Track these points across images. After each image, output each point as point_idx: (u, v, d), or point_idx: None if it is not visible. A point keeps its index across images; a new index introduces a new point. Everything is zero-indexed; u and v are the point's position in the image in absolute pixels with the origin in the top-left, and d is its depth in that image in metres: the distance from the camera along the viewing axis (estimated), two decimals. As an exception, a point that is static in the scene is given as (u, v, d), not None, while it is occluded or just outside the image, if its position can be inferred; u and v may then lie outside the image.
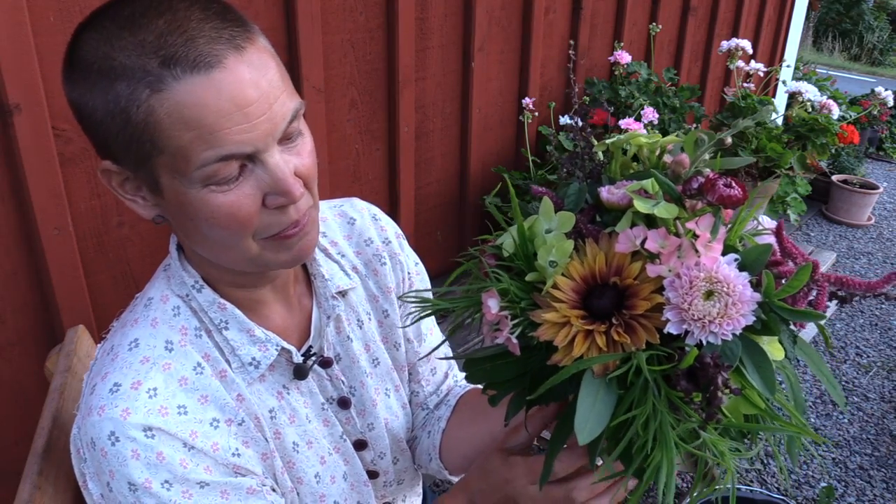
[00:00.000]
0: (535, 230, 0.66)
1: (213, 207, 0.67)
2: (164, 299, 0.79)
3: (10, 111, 1.24)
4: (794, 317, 0.59)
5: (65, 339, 1.07)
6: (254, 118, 0.64)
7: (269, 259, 0.74)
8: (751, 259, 0.61)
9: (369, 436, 0.95)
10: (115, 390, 0.71)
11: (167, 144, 0.64)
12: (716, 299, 0.57)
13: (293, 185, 0.68)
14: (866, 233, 4.42)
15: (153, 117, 0.63)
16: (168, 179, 0.67)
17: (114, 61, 0.63)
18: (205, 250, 0.75)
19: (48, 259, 1.35)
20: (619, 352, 0.60)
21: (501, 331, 0.64)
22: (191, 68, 0.62)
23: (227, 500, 0.74)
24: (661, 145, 0.71)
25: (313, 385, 0.88)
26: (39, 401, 0.97)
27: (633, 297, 0.61)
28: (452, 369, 1.09)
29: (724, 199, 0.58)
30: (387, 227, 0.98)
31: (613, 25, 2.79)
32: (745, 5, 3.57)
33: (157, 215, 0.73)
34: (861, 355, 3.16)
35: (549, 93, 2.59)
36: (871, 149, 5.83)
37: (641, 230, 0.60)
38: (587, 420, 0.58)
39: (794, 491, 2.37)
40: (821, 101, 2.35)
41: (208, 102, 0.62)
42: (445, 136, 2.24)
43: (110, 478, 0.70)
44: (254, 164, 0.67)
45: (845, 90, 5.01)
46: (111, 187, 0.72)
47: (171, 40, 0.62)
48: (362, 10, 1.84)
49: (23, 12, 1.22)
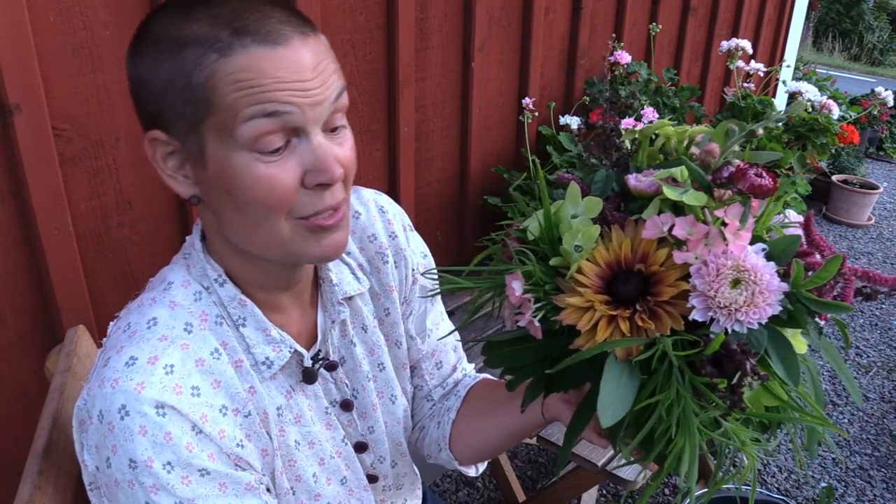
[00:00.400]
0: (560, 215, 0.66)
1: (254, 177, 0.68)
2: (186, 284, 0.78)
3: (10, 111, 1.24)
4: (822, 308, 0.59)
5: (65, 339, 1.07)
6: (306, 89, 0.68)
7: (299, 248, 0.74)
8: (779, 250, 0.61)
9: (370, 438, 0.95)
10: (132, 363, 0.71)
11: (220, 102, 0.66)
12: (742, 287, 0.57)
13: (333, 165, 0.70)
14: (866, 233, 4.42)
15: (213, 79, 0.66)
16: (215, 145, 0.68)
17: (186, 30, 0.66)
18: (237, 231, 0.74)
19: (48, 259, 1.35)
20: (644, 337, 0.60)
21: (524, 314, 0.64)
22: (260, 41, 0.66)
23: (224, 493, 0.74)
24: (689, 135, 0.71)
25: (318, 388, 0.88)
26: (39, 401, 0.97)
27: (659, 284, 0.61)
28: (461, 362, 1.08)
29: (755, 188, 0.58)
30: (393, 219, 0.96)
31: (613, 25, 2.79)
32: (745, 5, 3.57)
33: (194, 195, 0.74)
34: (861, 355, 3.15)
35: (549, 93, 2.59)
36: (871, 149, 5.83)
37: (669, 217, 0.60)
38: (611, 403, 0.58)
39: (794, 491, 2.37)
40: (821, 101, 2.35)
41: (267, 69, 0.66)
42: (445, 136, 2.24)
43: (111, 452, 0.70)
44: (298, 139, 0.69)
45: (845, 90, 5.01)
46: (154, 160, 0.73)
47: (245, 15, 0.67)
48: (362, 10, 1.84)
49: (23, 12, 1.22)
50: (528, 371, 0.70)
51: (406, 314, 0.98)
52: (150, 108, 0.70)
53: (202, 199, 0.74)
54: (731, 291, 0.57)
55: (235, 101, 0.66)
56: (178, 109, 0.68)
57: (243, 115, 0.66)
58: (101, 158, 1.40)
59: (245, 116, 0.66)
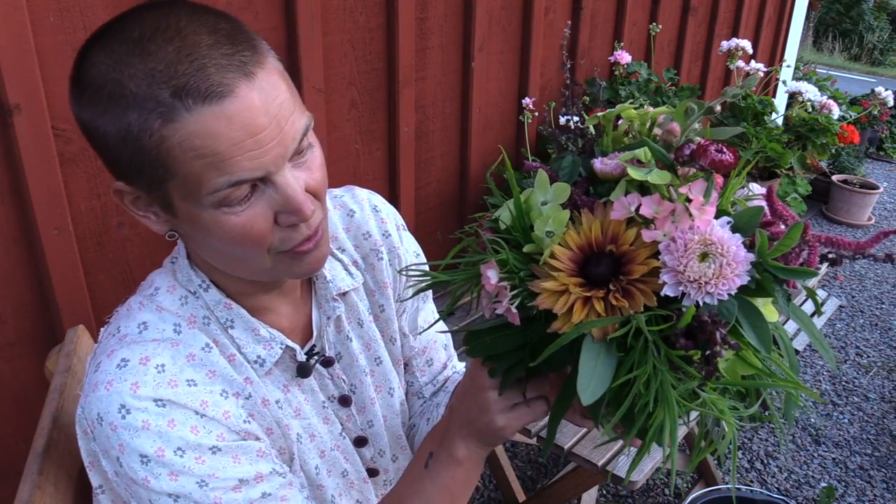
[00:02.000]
0: (530, 203, 0.67)
1: (227, 228, 0.68)
2: (171, 289, 0.79)
3: (10, 111, 1.24)
4: (787, 275, 0.61)
5: (65, 339, 1.07)
6: (265, 144, 0.65)
7: (283, 271, 0.75)
8: (743, 221, 0.63)
9: (369, 433, 0.96)
10: (123, 365, 0.71)
11: (179, 170, 0.64)
12: (711, 261, 0.58)
13: (304, 204, 0.69)
14: (866, 233, 4.42)
15: (165, 145, 0.63)
16: (180, 201, 0.68)
17: (124, 89, 0.63)
18: (219, 264, 0.76)
19: (48, 259, 1.35)
20: (618, 316, 0.61)
21: (501, 302, 0.65)
22: (202, 99, 0.62)
23: (238, 463, 0.75)
24: (651, 117, 0.72)
25: (314, 384, 0.88)
26: (39, 401, 0.97)
27: (630, 263, 0.62)
28: (452, 360, 1.09)
29: (716, 163, 0.60)
30: (387, 218, 0.96)
31: (613, 25, 2.79)
32: (745, 5, 3.57)
33: (170, 231, 0.74)
34: (861, 355, 3.15)
35: (549, 93, 2.59)
36: (871, 149, 5.83)
37: (636, 197, 0.62)
38: (590, 381, 0.60)
39: (794, 491, 2.37)
40: (821, 102, 2.35)
41: (220, 132, 0.63)
42: (445, 136, 2.24)
43: (120, 452, 0.70)
44: (265, 185, 0.68)
45: (845, 90, 5.01)
46: (124, 205, 0.72)
47: (182, 69, 0.62)
48: (362, 10, 1.84)
49: (23, 12, 1.22)
50: (509, 357, 0.72)
51: (399, 311, 0.98)
52: (107, 159, 0.69)
53: (179, 234, 0.75)
54: (699, 265, 0.58)
55: (198, 171, 0.64)
56: (135, 168, 0.66)
57: (208, 187, 0.65)
58: (100, 158, 1.40)
59: (210, 189, 0.65)
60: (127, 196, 0.71)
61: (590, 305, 0.62)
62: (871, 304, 3.58)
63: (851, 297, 3.64)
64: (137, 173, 0.67)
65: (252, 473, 0.76)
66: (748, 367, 0.62)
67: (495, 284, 0.65)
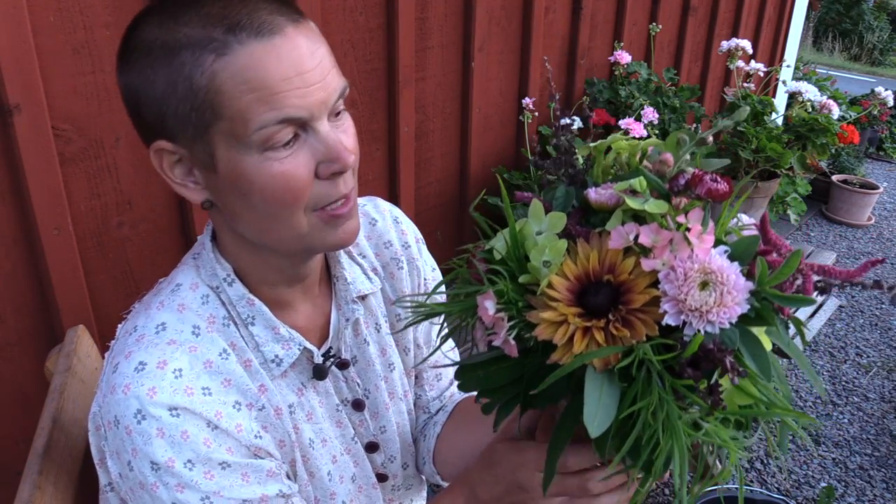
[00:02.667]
0: (525, 233, 0.66)
1: (269, 176, 0.69)
2: (194, 287, 0.79)
3: (10, 111, 1.24)
4: (787, 302, 0.61)
5: (65, 339, 1.07)
6: (311, 84, 0.68)
7: (317, 238, 0.75)
8: (740, 250, 0.63)
9: (381, 438, 0.95)
10: (141, 369, 0.71)
11: (228, 107, 0.66)
12: (711, 289, 0.58)
13: (345, 152, 0.71)
14: (866, 233, 4.43)
15: (216, 82, 0.65)
16: (224, 150, 0.68)
17: (178, 34, 0.66)
18: (253, 228, 0.75)
19: (48, 259, 1.35)
20: (620, 346, 0.60)
21: (497, 334, 0.64)
22: (255, 34, 0.65)
23: (247, 482, 0.75)
24: (641, 148, 0.72)
25: (329, 386, 0.88)
26: (39, 401, 0.97)
27: (629, 293, 0.62)
28: None
29: (712, 192, 0.60)
30: (407, 230, 0.98)
31: (613, 25, 2.79)
32: (745, 5, 3.57)
33: (206, 199, 0.74)
34: (861, 355, 3.15)
35: (549, 93, 2.59)
36: (871, 149, 5.83)
37: (633, 226, 0.61)
38: (596, 413, 0.59)
39: (794, 491, 2.37)
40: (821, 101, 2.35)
41: (270, 66, 0.65)
42: (445, 136, 2.24)
43: (132, 456, 0.71)
44: (306, 133, 0.70)
45: (845, 90, 5.01)
46: (161, 170, 0.73)
47: (235, 10, 0.66)
48: (362, 10, 1.84)
49: (23, 12, 1.22)
50: (505, 391, 0.70)
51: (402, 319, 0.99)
52: (151, 117, 0.70)
53: (214, 203, 0.75)
54: (700, 294, 0.58)
55: (246, 107, 0.66)
56: (181, 115, 0.67)
57: (256, 123, 0.66)
58: (100, 158, 1.40)
59: (257, 125, 0.66)
60: (167, 158, 0.72)
61: (590, 336, 0.61)
62: (871, 304, 3.58)
63: (851, 297, 3.64)
64: (183, 122, 0.68)
65: (258, 495, 0.75)
66: (745, 397, 0.62)
67: (493, 316, 0.64)
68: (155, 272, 0.84)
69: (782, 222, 3.88)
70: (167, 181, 0.73)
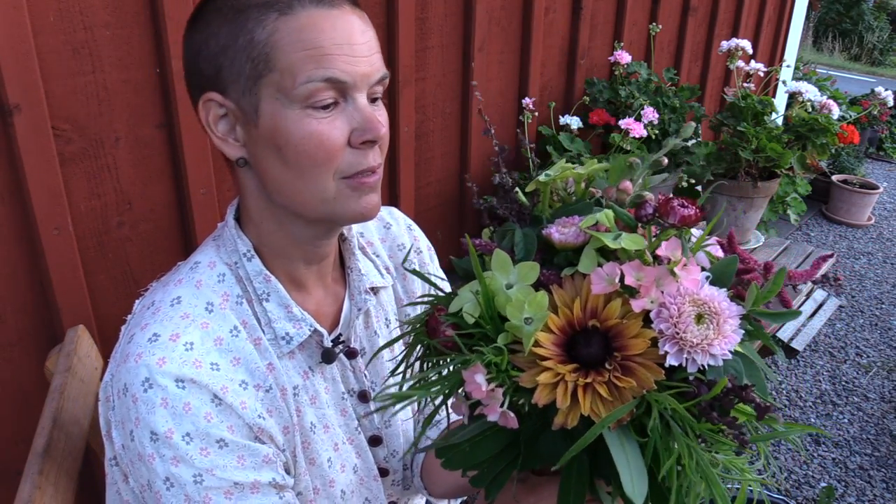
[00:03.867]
0: (493, 288, 0.60)
1: (306, 132, 0.73)
2: (212, 265, 0.81)
3: (10, 111, 1.24)
4: (776, 319, 0.59)
5: (65, 339, 1.07)
6: (359, 55, 0.74)
7: (341, 205, 0.77)
8: (719, 273, 0.60)
9: (385, 433, 0.96)
10: (154, 340, 0.74)
11: (281, 61, 0.71)
12: (707, 321, 0.55)
13: (378, 124, 0.75)
14: (866, 233, 4.43)
15: (275, 37, 0.71)
16: (269, 103, 0.73)
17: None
18: (282, 188, 0.77)
19: (48, 259, 1.35)
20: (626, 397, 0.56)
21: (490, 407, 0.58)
22: (317, 2, 0.72)
23: (242, 465, 0.75)
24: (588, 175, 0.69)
25: (336, 373, 0.89)
26: (39, 401, 0.97)
27: (621, 338, 0.57)
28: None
29: (685, 219, 0.58)
30: (419, 238, 1.03)
31: (613, 25, 2.79)
32: (745, 5, 3.57)
33: (241, 157, 0.78)
34: (861, 355, 3.15)
35: (549, 93, 2.59)
36: (871, 149, 5.83)
37: (614, 267, 0.57)
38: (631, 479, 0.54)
39: (794, 491, 2.37)
40: (821, 101, 2.35)
41: (325, 31, 0.72)
42: (445, 136, 2.24)
43: (135, 425, 0.72)
44: (346, 101, 0.74)
45: (845, 90, 5.01)
46: (206, 123, 0.77)
47: None
48: (362, 9, 1.84)
49: (23, 12, 1.22)
50: (496, 462, 0.64)
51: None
52: (208, 69, 0.74)
53: (248, 161, 0.78)
54: (698, 328, 0.55)
55: (297, 61, 0.71)
56: (237, 66, 0.72)
57: (303, 77, 0.71)
58: (100, 158, 1.40)
59: (304, 79, 0.71)
60: (214, 110, 0.76)
61: (592, 391, 0.56)
62: (871, 304, 3.58)
63: (851, 297, 3.64)
64: (237, 74, 0.73)
65: (250, 480, 0.76)
66: (741, 416, 0.59)
67: (487, 391, 0.58)
68: (155, 272, 0.85)
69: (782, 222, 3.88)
70: (209, 134, 0.77)
